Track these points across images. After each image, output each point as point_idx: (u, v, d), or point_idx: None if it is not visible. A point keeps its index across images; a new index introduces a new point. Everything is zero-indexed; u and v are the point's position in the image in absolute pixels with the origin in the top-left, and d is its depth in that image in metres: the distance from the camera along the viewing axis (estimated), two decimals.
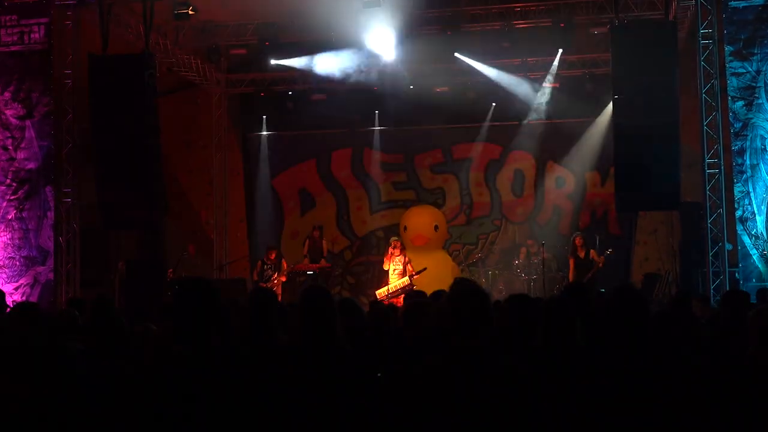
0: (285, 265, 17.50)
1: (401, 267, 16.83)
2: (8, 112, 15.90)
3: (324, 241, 19.19)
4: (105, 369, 5.35)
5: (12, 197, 15.79)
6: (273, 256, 17.40)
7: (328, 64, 18.79)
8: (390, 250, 17.02)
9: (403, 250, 17.02)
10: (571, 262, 16.78)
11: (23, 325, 6.25)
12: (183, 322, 4.17)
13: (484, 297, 4.19)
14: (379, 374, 4.99)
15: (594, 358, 4.53)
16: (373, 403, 4.67)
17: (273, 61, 18.94)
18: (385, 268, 17.00)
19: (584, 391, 4.34)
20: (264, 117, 21.24)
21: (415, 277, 16.33)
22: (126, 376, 5.05)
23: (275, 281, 17.00)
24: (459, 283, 4.34)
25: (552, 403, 4.29)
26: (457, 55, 18.46)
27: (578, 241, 16.76)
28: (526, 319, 5.09)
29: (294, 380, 4.46)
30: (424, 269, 16.53)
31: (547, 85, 19.26)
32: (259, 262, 17.59)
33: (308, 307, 4.82)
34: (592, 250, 16.71)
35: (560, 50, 18.22)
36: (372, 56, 18.38)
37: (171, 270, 17.86)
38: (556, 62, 18.64)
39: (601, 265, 16.40)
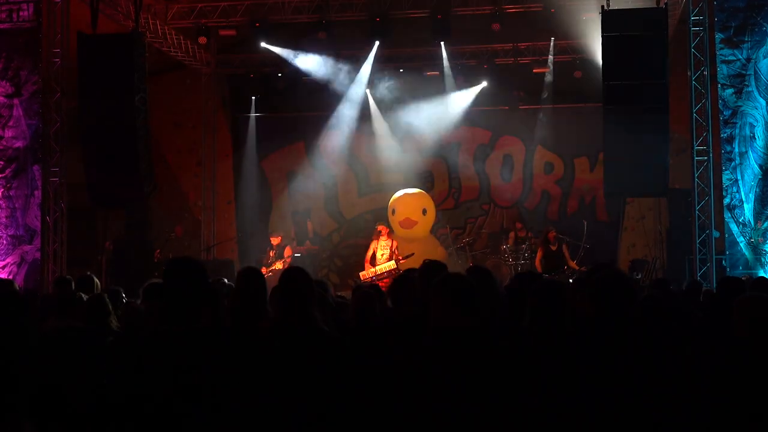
0: (288, 252, 17.19)
1: (388, 251, 16.80)
2: None
3: (309, 223, 19.17)
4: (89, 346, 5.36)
5: None
6: (279, 241, 17.11)
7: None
8: (376, 234, 17.01)
9: (390, 234, 16.99)
10: (540, 251, 16.81)
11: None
12: (173, 302, 4.16)
13: (471, 278, 4.19)
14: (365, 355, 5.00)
15: (581, 341, 4.53)
16: (351, 384, 4.68)
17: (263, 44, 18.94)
18: (370, 252, 16.96)
19: (570, 373, 4.34)
20: (253, 98, 21.18)
21: (402, 261, 16.32)
22: (110, 352, 5.05)
23: (276, 267, 16.60)
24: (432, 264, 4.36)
25: (537, 385, 4.30)
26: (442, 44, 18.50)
27: (551, 236, 16.75)
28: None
29: (269, 360, 4.46)
30: (412, 254, 16.52)
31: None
32: (269, 250, 17.25)
33: (285, 288, 4.82)
34: (565, 251, 16.76)
35: (552, 39, 18.25)
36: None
37: (158, 251, 17.83)
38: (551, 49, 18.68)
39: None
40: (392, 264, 16.38)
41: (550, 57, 19.18)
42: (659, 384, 4.18)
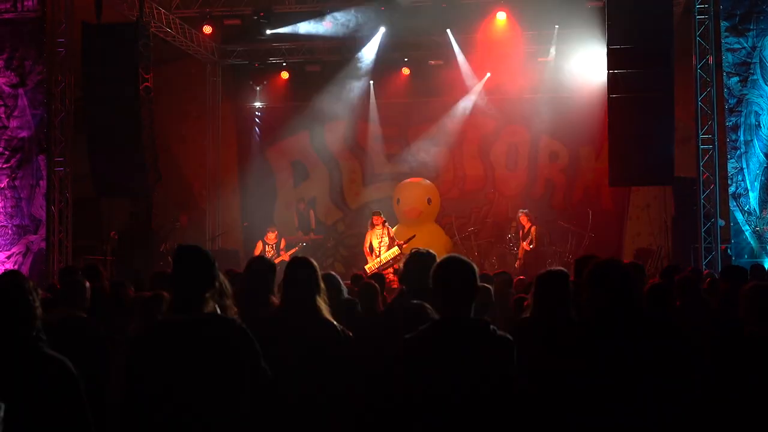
0: (284, 244, 17.31)
1: (386, 239, 16.73)
2: (1, 80, 15.80)
3: (312, 212, 19.18)
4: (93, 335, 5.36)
5: (4, 166, 15.73)
6: (274, 236, 17.19)
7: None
8: (371, 225, 16.90)
9: (384, 224, 16.88)
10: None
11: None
12: (180, 289, 4.16)
13: (473, 269, 4.19)
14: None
15: (585, 331, 4.53)
16: (352, 373, 4.69)
17: (268, 31, 18.90)
18: (367, 242, 16.91)
19: (574, 364, 4.34)
20: (258, 88, 21.17)
21: (404, 245, 16.31)
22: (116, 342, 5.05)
23: (277, 262, 16.58)
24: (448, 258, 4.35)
25: (539, 375, 4.30)
26: (448, 31, 18.46)
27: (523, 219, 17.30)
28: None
29: (273, 349, 4.46)
30: (413, 236, 16.50)
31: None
32: (260, 243, 17.34)
33: (290, 277, 4.83)
34: (533, 233, 17.05)
35: (557, 26, 18.20)
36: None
37: (164, 243, 17.82)
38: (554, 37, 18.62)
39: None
40: (396, 250, 16.36)
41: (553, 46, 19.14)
42: (666, 376, 4.17)
